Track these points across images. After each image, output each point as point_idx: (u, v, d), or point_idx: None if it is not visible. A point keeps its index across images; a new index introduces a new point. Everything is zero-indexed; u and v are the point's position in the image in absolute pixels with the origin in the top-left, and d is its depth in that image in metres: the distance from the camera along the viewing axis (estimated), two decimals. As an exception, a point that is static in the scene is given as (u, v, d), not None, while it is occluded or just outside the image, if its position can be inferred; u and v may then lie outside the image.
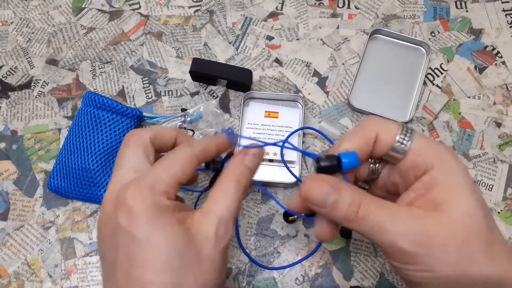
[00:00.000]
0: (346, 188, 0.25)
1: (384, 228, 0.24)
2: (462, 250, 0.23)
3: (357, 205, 0.24)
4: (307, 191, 0.26)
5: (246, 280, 0.43)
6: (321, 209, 0.25)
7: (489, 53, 0.52)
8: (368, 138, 0.27)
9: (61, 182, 0.46)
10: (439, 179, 0.25)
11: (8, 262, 0.44)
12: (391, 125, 0.27)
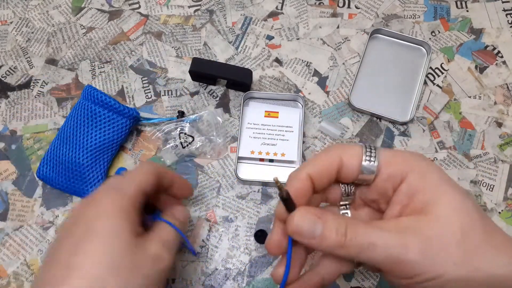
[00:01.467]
0: (330, 216, 0.25)
1: (375, 244, 0.23)
2: (463, 245, 0.22)
3: (344, 229, 0.24)
4: (296, 225, 0.24)
5: (246, 280, 0.43)
6: (310, 240, 0.24)
7: (490, 53, 0.52)
8: (330, 162, 0.26)
9: (50, 171, 0.45)
10: (417, 184, 0.24)
11: (7, 263, 0.44)
12: (353, 148, 0.26)
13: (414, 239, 0.23)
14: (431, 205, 0.24)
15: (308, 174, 0.26)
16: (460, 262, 0.22)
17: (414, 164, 0.25)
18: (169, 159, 0.48)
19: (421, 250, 0.22)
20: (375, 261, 0.23)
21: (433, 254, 0.22)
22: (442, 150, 0.48)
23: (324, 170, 0.26)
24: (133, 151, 0.49)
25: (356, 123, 0.49)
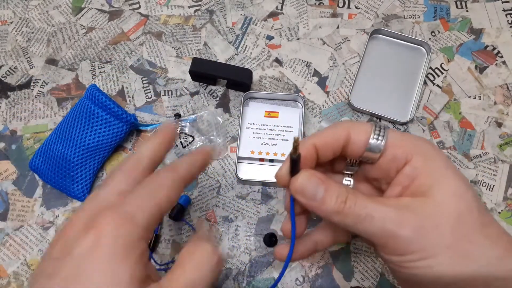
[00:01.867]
0: (333, 183, 0.26)
1: (372, 215, 0.24)
2: (458, 230, 0.23)
3: (344, 197, 0.25)
4: (300, 185, 0.25)
5: (246, 280, 0.43)
6: (311, 202, 0.25)
7: (490, 53, 0.52)
8: (338, 135, 0.27)
9: (41, 164, 0.46)
10: (421, 167, 0.25)
11: (7, 263, 0.44)
12: (363, 125, 0.27)
13: (411, 217, 0.23)
14: (432, 188, 0.24)
15: (313, 144, 0.27)
16: (452, 246, 0.23)
17: (420, 148, 0.25)
18: (169, 159, 0.48)
19: (415, 228, 0.23)
20: (370, 233, 0.24)
21: (427, 234, 0.23)
22: (442, 150, 0.48)
23: (330, 143, 0.27)
24: (133, 150, 0.49)
25: (356, 123, 0.49)
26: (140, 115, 0.50)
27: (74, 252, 0.21)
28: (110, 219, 0.21)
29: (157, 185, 0.24)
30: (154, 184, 0.24)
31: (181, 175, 0.25)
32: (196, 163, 0.27)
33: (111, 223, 0.21)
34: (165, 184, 0.24)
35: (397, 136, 0.26)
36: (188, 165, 0.26)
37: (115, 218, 0.21)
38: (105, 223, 0.21)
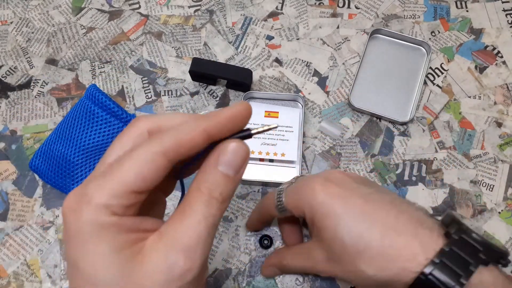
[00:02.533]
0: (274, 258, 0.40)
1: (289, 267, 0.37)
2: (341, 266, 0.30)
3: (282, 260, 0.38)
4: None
5: (246, 280, 0.43)
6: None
7: (490, 53, 0.52)
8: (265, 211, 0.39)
9: (41, 164, 0.45)
10: (311, 220, 0.32)
11: (7, 263, 0.44)
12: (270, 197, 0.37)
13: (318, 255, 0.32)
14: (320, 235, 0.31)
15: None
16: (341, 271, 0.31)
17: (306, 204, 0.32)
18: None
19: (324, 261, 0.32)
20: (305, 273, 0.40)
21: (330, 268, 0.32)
22: (442, 150, 0.48)
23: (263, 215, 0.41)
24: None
25: (356, 123, 0.49)
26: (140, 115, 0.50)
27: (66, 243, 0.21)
28: (68, 203, 0.20)
29: (127, 159, 0.20)
30: (123, 158, 0.21)
31: (164, 146, 0.20)
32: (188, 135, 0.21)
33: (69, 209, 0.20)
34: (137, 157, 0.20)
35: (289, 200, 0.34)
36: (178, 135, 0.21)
37: (73, 201, 0.20)
38: (66, 210, 0.20)
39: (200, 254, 0.21)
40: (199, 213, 0.21)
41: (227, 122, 0.22)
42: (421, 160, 0.48)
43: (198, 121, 0.21)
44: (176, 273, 0.20)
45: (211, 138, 0.21)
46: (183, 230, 0.21)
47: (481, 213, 0.45)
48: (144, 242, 0.21)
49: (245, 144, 0.22)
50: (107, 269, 0.20)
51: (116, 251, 0.20)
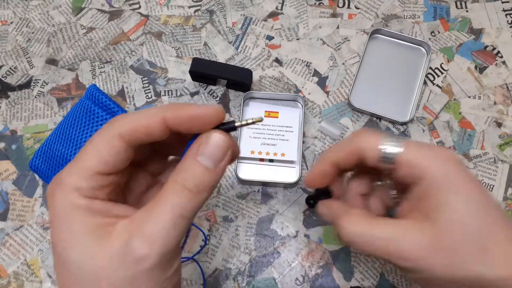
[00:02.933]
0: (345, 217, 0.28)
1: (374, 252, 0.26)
2: (451, 260, 0.23)
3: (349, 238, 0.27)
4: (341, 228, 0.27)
5: (246, 280, 0.43)
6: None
7: (489, 53, 0.52)
8: (350, 149, 0.28)
9: (42, 164, 0.46)
10: (429, 188, 0.25)
11: (7, 262, 0.44)
12: (375, 138, 0.27)
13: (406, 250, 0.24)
14: (435, 213, 0.24)
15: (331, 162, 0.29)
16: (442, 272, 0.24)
17: (436, 167, 0.25)
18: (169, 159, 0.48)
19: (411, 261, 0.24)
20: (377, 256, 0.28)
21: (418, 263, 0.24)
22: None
23: (345, 158, 0.28)
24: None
25: (356, 123, 0.50)
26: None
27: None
28: (48, 190, 0.22)
29: (88, 144, 0.22)
30: (87, 143, 0.22)
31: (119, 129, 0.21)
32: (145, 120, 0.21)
33: (47, 193, 0.22)
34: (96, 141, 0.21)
35: (413, 152, 0.26)
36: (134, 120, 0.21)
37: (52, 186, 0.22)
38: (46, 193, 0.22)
39: (161, 243, 0.20)
40: (168, 203, 0.21)
41: (187, 119, 0.22)
42: (421, 160, 0.48)
43: (160, 109, 0.22)
44: (131, 258, 0.20)
45: (170, 128, 0.22)
46: (149, 218, 0.21)
47: (481, 213, 0.45)
48: (114, 226, 0.21)
49: (228, 136, 0.23)
50: (75, 249, 0.20)
51: (85, 232, 0.20)
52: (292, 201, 0.46)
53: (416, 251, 0.24)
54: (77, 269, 0.20)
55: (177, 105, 0.22)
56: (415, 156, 0.26)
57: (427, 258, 0.24)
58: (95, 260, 0.20)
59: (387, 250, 0.25)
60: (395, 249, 0.24)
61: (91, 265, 0.20)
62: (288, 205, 0.46)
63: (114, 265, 0.20)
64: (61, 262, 0.21)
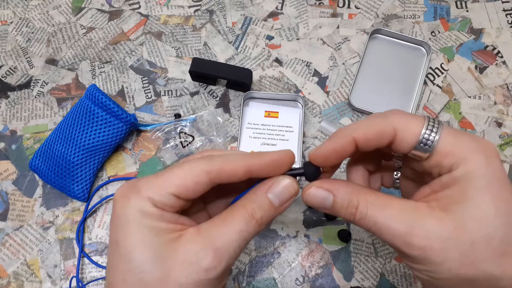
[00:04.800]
0: (342, 190, 0.25)
1: (381, 230, 0.24)
2: (466, 258, 0.22)
3: (354, 207, 0.25)
4: (306, 197, 0.26)
5: (246, 280, 0.43)
6: (325, 210, 0.26)
7: (490, 53, 0.52)
8: (382, 131, 0.24)
9: (41, 164, 0.46)
10: (459, 179, 0.23)
11: (7, 263, 0.44)
12: (414, 121, 0.24)
13: (419, 237, 0.23)
14: (457, 206, 0.23)
15: (352, 138, 0.25)
16: (455, 270, 0.22)
17: (473, 159, 0.23)
18: (169, 159, 0.48)
19: (422, 248, 0.23)
20: (384, 241, 0.25)
21: (432, 255, 0.22)
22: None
23: (373, 138, 0.25)
24: (133, 151, 0.49)
25: (356, 123, 0.49)
26: (140, 115, 0.50)
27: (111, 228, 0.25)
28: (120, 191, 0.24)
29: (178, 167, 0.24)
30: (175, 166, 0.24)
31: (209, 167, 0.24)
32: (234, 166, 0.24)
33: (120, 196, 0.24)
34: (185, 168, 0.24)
35: (451, 141, 0.24)
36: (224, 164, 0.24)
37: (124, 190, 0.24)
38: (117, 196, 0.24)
39: (227, 258, 0.23)
40: (237, 225, 0.24)
41: (268, 165, 0.25)
42: (421, 160, 0.48)
43: (244, 156, 0.25)
44: (202, 266, 0.22)
45: (251, 173, 0.25)
46: (220, 233, 0.23)
47: (481, 213, 0.45)
48: (181, 232, 0.23)
49: (297, 184, 0.26)
50: (143, 249, 0.22)
51: (155, 235, 0.23)
52: (292, 201, 0.46)
53: (430, 241, 0.22)
54: (142, 269, 0.22)
55: (258, 154, 0.25)
56: (453, 145, 0.24)
57: (442, 250, 0.22)
58: (165, 262, 0.22)
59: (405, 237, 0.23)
60: (413, 238, 0.23)
61: (160, 266, 0.22)
62: (288, 205, 0.46)
63: (185, 269, 0.22)
64: (124, 261, 0.23)
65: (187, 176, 0.24)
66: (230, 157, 0.25)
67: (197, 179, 0.24)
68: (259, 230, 0.25)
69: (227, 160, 0.24)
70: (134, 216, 0.23)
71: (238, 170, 0.24)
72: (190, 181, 0.23)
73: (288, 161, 0.25)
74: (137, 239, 0.23)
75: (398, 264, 0.44)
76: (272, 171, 0.25)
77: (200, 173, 0.24)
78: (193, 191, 0.24)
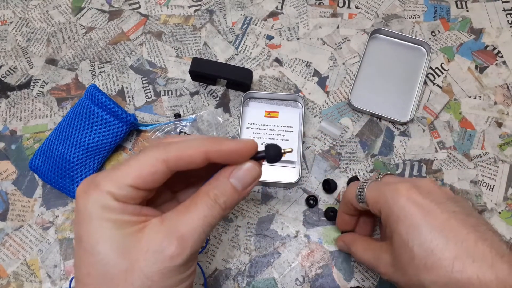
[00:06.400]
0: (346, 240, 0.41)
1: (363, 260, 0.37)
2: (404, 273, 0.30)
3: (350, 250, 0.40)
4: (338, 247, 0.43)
5: (246, 280, 0.43)
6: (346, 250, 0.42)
7: (490, 53, 0.52)
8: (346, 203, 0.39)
9: (41, 164, 0.46)
10: (385, 219, 0.32)
11: (7, 263, 0.44)
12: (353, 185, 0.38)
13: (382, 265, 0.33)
14: (391, 238, 0.32)
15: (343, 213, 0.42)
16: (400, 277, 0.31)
17: (387, 204, 0.32)
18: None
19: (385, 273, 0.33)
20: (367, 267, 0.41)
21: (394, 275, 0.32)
22: (442, 150, 0.48)
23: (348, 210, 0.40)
24: (133, 151, 0.49)
25: (356, 123, 0.49)
26: (140, 115, 0.50)
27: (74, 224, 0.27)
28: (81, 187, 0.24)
29: (134, 159, 0.24)
30: (132, 158, 0.24)
31: (166, 155, 0.24)
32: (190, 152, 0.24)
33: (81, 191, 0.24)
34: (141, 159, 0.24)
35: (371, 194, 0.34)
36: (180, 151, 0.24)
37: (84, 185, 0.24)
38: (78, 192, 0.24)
39: (191, 245, 0.23)
40: (200, 212, 0.24)
41: (227, 153, 0.25)
42: (422, 160, 0.48)
43: (202, 141, 0.25)
44: (166, 254, 0.23)
45: (209, 160, 0.25)
46: (183, 221, 0.24)
47: (481, 213, 0.45)
48: (145, 224, 0.24)
49: (259, 167, 0.26)
50: (106, 243, 0.22)
51: (117, 227, 0.23)
52: (292, 201, 0.46)
53: (385, 268, 0.32)
54: (106, 262, 0.22)
55: (218, 139, 0.25)
56: (372, 195, 0.34)
57: (392, 272, 0.32)
58: (128, 253, 0.23)
59: (374, 267, 0.35)
60: (378, 267, 0.34)
61: (124, 258, 0.22)
62: (288, 205, 0.46)
63: (149, 259, 0.23)
64: (88, 255, 0.23)
65: (143, 166, 0.23)
66: (187, 143, 0.25)
67: (154, 168, 0.23)
68: (223, 214, 0.25)
69: (183, 146, 0.24)
70: (95, 211, 0.23)
71: (195, 157, 0.24)
72: (147, 171, 0.23)
73: (248, 152, 0.26)
74: (99, 233, 0.23)
75: (398, 264, 0.44)
76: (232, 159, 0.25)
77: (156, 162, 0.23)
78: (152, 181, 0.24)
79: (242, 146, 0.25)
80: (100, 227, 0.23)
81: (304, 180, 0.47)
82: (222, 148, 0.25)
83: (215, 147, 0.24)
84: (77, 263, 0.24)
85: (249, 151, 0.26)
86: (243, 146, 0.25)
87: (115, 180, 0.23)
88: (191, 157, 0.24)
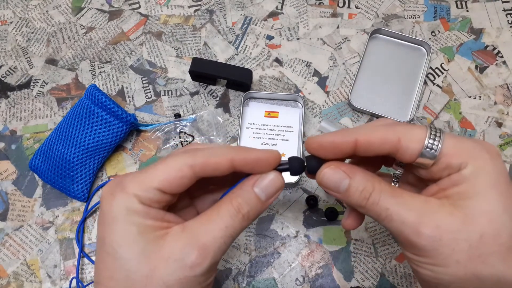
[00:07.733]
0: (359, 175, 0.25)
1: (392, 218, 0.24)
2: (475, 250, 0.22)
3: (368, 192, 0.25)
4: (322, 177, 0.26)
5: (246, 280, 0.43)
6: (335, 194, 0.26)
7: (490, 53, 0.52)
8: (386, 140, 0.25)
9: (41, 164, 0.46)
10: (468, 177, 0.23)
11: (7, 263, 0.44)
12: (416, 131, 0.25)
13: (430, 227, 0.23)
14: (466, 202, 0.23)
15: (355, 139, 0.25)
16: (463, 263, 0.23)
17: (478, 158, 0.24)
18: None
19: (432, 239, 0.23)
20: (390, 231, 0.25)
21: (442, 246, 0.23)
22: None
23: (375, 144, 0.25)
24: (133, 151, 0.49)
25: (356, 123, 0.49)
26: (140, 115, 0.50)
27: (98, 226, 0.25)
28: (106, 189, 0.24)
29: (162, 163, 0.24)
30: (159, 162, 0.24)
31: (194, 161, 0.24)
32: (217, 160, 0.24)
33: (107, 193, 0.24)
34: (168, 163, 0.24)
35: (454, 143, 0.24)
36: (207, 159, 0.24)
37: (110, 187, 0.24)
38: (104, 194, 0.24)
39: (212, 255, 0.23)
40: (223, 221, 0.24)
41: (252, 161, 0.25)
42: (421, 160, 0.48)
43: (229, 150, 0.25)
44: (187, 263, 0.23)
45: (234, 168, 0.25)
46: (205, 230, 0.24)
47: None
48: (167, 230, 0.24)
49: (283, 178, 0.26)
50: (129, 246, 0.23)
51: (140, 232, 0.23)
52: (292, 201, 0.46)
53: (440, 231, 0.23)
54: (128, 267, 0.23)
55: (244, 148, 0.25)
56: (458, 148, 0.24)
57: (451, 241, 0.22)
58: (150, 259, 0.23)
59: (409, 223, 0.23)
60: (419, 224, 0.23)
61: (145, 264, 0.23)
62: (288, 205, 0.46)
63: (170, 267, 0.23)
64: (110, 259, 0.23)
65: (171, 170, 0.24)
66: (214, 151, 0.25)
67: (181, 173, 0.24)
68: (245, 225, 0.25)
69: (211, 153, 0.24)
70: (120, 213, 0.23)
71: (222, 164, 0.24)
72: (174, 175, 0.24)
73: (273, 161, 0.26)
74: (123, 237, 0.23)
75: (398, 264, 0.44)
76: (257, 168, 0.25)
77: (184, 167, 0.24)
78: (178, 185, 0.24)
79: (268, 156, 0.25)
80: (123, 230, 0.23)
81: (304, 180, 0.47)
82: (247, 156, 0.25)
83: (241, 156, 0.25)
84: (99, 265, 0.24)
85: (274, 161, 0.26)
86: (269, 156, 0.25)
87: (142, 182, 0.23)
88: (217, 164, 0.24)
